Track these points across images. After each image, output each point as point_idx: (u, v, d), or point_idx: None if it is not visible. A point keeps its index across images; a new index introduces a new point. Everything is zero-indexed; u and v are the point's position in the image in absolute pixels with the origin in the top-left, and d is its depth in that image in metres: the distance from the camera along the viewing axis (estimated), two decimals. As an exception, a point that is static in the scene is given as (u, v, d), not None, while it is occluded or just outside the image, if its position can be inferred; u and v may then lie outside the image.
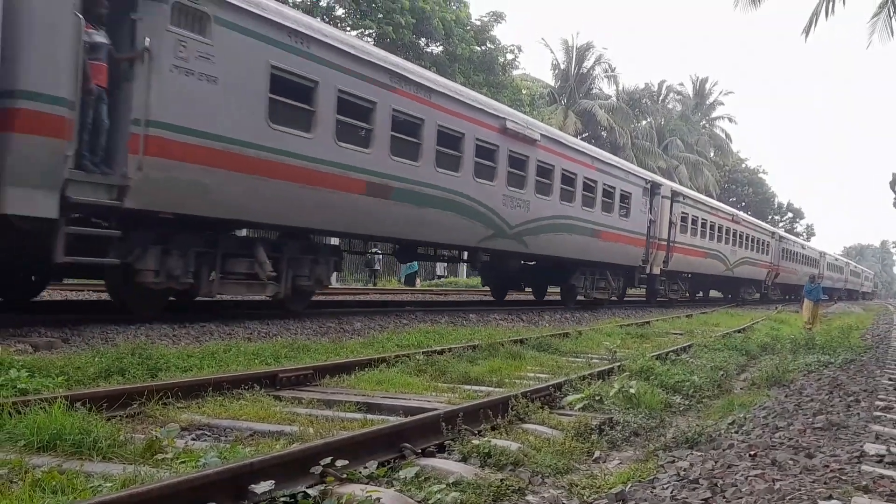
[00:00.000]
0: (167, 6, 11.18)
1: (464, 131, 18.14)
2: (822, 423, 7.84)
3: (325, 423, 6.66)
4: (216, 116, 12.00)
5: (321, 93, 13.92)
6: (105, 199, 10.72)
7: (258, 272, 13.53)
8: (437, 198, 17.30)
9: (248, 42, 12.50)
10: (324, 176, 14.10)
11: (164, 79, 11.15)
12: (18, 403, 5.95)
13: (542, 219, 21.79)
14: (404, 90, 16.02)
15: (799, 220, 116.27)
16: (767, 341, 17.39)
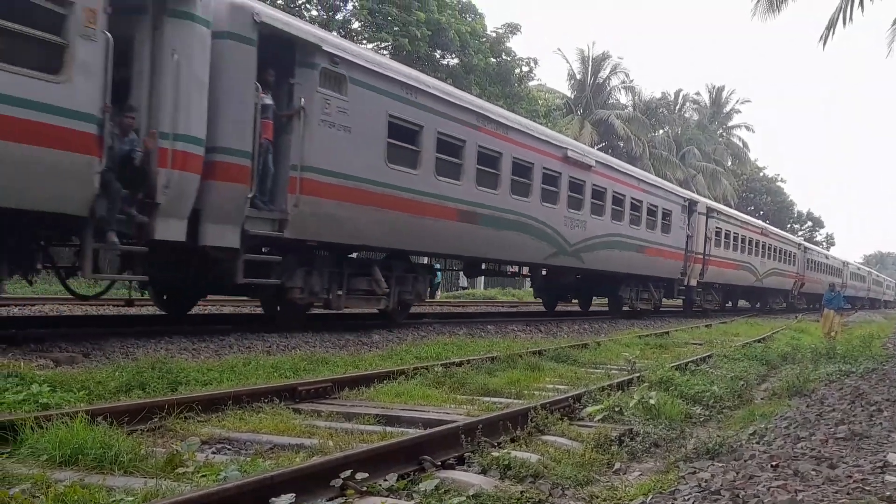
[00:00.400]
0: (316, 72, 13.62)
1: (533, 161, 20.59)
2: (845, 433, 7.78)
3: (345, 435, 6.67)
4: (349, 160, 14.42)
5: (425, 135, 16.41)
6: (270, 232, 13.29)
7: (375, 288, 15.98)
8: (512, 221, 19.75)
9: (373, 96, 14.98)
10: (426, 206, 16.55)
11: (313, 131, 13.64)
12: (41, 418, 5.98)
13: (596, 237, 24.19)
14: (486, 128, 18.50)
15: (819, 229, 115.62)
16: (788, 351, 17.28)
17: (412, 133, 16.14)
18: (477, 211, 18.20)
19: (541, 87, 53.77)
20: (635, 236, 26.82)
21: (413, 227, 16.34)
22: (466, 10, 41.16)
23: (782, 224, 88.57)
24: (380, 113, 15.16)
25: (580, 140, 41.58)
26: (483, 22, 41.76)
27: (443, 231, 17.23)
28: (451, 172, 17.35)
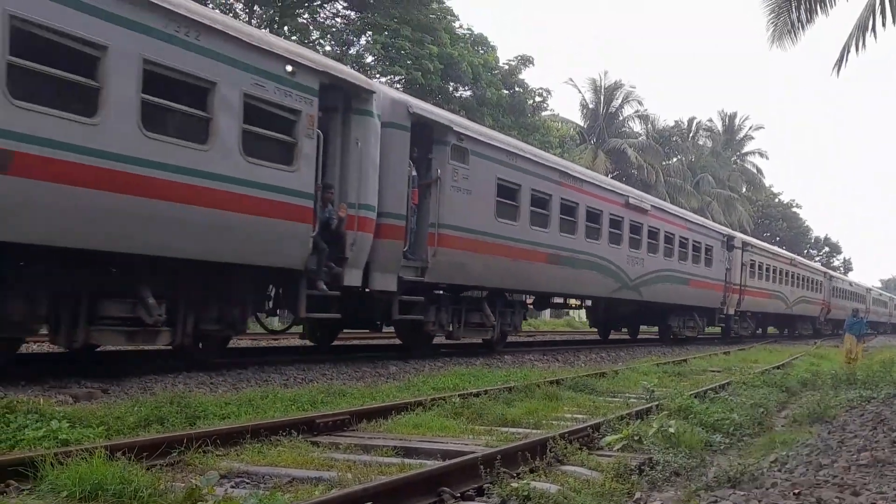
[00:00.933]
0: (448, 147, 16.78)
1: (601, 209, 23.89)
2: (867, 459, 7.71)
3: (364, 468, 6.66)
4: (470, 216, 17.55)
5: (522, 192, 19.55)
6: (415, 277, 16.22)
7: (484, 321, 19.10)
8: (586, 261, 22.96)
9: (486, 164, 18.16)
10: (523, 251, 19.68)
11: (446, 195, 16.73)
12: (60, 454, 6.00)
13: (652, 272, 27.41)
14: (566, 183, 21.77)
15: (836, 255, 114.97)
16: (807, 377, 17.16)
17: (513, 191, 19.32)
18: (560, 254, 21.49)
19: (554, 118, 53.94)
20: (683, 270, 30.28)
21: (513, 269, 19.48)
22: (479, 42, 41.39)
23: (799, 250, 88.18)
24: (491, 177, 18.36)
25: (594, 169, 41.76)
26: (495, 54, 41.98)
27: (535, 272, 20.54)
28: (541, 222, 20.53)
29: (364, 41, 37.75)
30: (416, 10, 35.88)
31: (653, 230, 27.51)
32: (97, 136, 9.92)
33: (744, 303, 37.25)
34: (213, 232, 11.63)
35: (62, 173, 9.62)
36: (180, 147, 11.04)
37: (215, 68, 11.47)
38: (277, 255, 12.86)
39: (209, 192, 11.41)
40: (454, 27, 40.02)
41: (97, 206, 10.03)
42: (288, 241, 12.85)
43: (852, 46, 17.86)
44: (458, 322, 18.34)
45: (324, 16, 38.56)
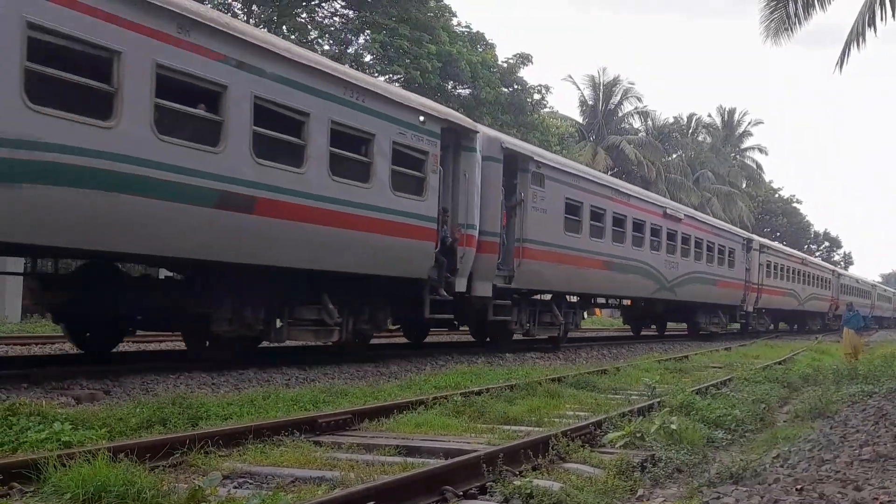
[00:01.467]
0: (529, 174, 19.78)
1: (644, 220, 27.09)
2: (870, 454, 7.71)
3: (366, 467, 6.67)
4: (545, 231, 20.54)
5: (584, 209, 22.70)
6: (504, 284, 19.01)
7: (553, 321, 22.25)
8: (633, 266, 26.10)
9: (557, 186, 21.20)
10: (584, 259, 22.73)
11: (528, 215, 19.70)
12: (63, 456, 6.00)
13: (685, 274, 30.61)
14: (616, 198, 25.12)
15: (836, 249, 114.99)
16: (809, 372, 17.17)
17: (577, 208, 22.44)
18: (613, 260, 24.57)
19: (553, 115, 53.89)
20: (710, 272, 33.62)
21: (577, 275, 22.67)
22: (477, 40, 41.37)
23: (799, 245, 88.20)
24: (560, 197, 21.42)
25: (594, 166, 41.90)
26: (494, 52, 41.95)
27: (593, 277, 23.72)
28: (598, 233, 23.70)
29: (362, 40, 37.75)
30: (414, 9, 35.89)
31: (685, 236, 30.86)
32: (303, 182, 13.09)
33: (761, 300, 40.49)
34: (370, 251, 14.64)
35: (283, 211, 12.72)
36: (354, 187, 14.18)
37: (375, 123, 14.62)
38: (411, 267, 15.90)
39: (370, 220, 14.52)
40: (452, 25, 40.01)
41: (304, 234, 13.21)
42: (418, 257, 15.91)
43: (853, 42, 17.88)
44: (533, 321, 21.22)
45: (322, 15, 38.56)
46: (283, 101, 12.65)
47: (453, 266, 16.94)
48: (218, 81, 11.59)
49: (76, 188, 9.82)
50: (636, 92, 65.21)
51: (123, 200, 10.34)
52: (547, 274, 20.86)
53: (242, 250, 12.32)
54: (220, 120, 11.70)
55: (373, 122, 14.52)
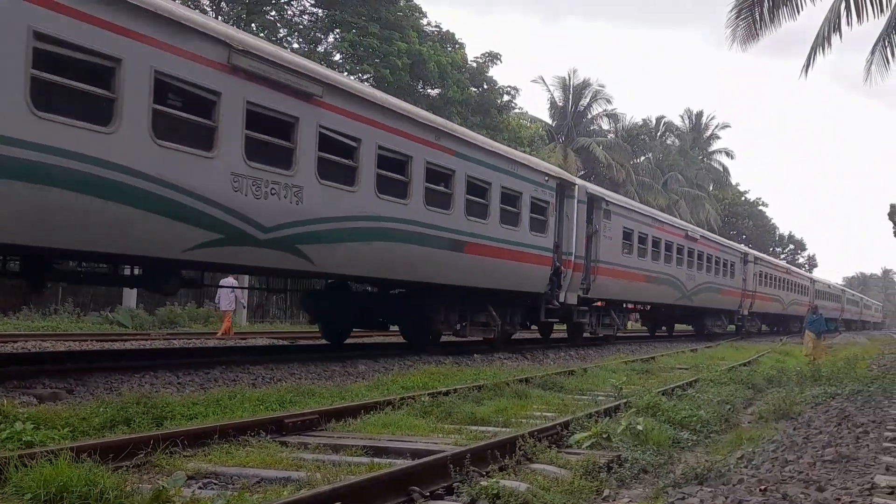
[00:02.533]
0: (601, 211, 25.66)
1: (673, 241, 33.57)
2: (832, 455, 7.80)
3: (333, 468, 6.63)
4: (610, 254, 26.51)
5: (634, 235, 28.97)
6: (584, 295, 24.61)
7: (611, 322, 28.63)
8: (666, 279, 32.63)
9: (618, 218, 27.43)
10: (635, 275, 29.09)
11: (600, 241, 25.57)
12: (24, 456, 5.91)
13: (701, 284, 37.11)
14: (655, 225, 31.93)
15: (801, 252, 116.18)
16: (773, 374, 17.32)
17: (630, 234, 28.74)
18: (654, 275, 31.05)
19: (523, 116, 54.02)
20: (718, 282, 39.97)
21: (628, 287, 28.92)
22: (446, 39, 41.37)
23: (765, 247, 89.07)
24: (620, 227, 27.75)
25: (565, 168, 42.15)
26: (463, 52, 41.95)
27: (639, 288, 30.24)
28: (643, 254, 30.01)
29: (332, 38, 37.65)
30: (383, 8, 35.84)
31: (699, 252, 37.09)
32: (488, 230, 19.28)
33: (754, 306, 46.96)
34: (516, 274, 20.72)
35: (479, 250, 18.86)
36: (511, 230, 20.30)
37: (522, 185, 20.91)
38: (536, 285, 21.93)
39: (518, 253, 20.68)
40: (422, 24, 39.96)
41: (487, 265, 19.32)
42: (541, 277, 22.06)
43: (819, 48, 18.09)
44: (598, 322, 27.57)
45: (291, 13, 38.40)
46: (480, 176, 19.00)
47: (558, 283, 22.83)
48: (451, 168, 17.82)
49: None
50: (606, 94, 65.53)
51: (414, 251, 16.75)
52: (611, 287, 26.90)
53: (455, 276, 18.30)
54: (449, 192, 17.84)
55: (522, 184, 20.82)
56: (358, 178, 14.86)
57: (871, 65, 19.40)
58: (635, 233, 28.92)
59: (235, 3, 36.23)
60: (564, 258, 22.92)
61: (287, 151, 13.41)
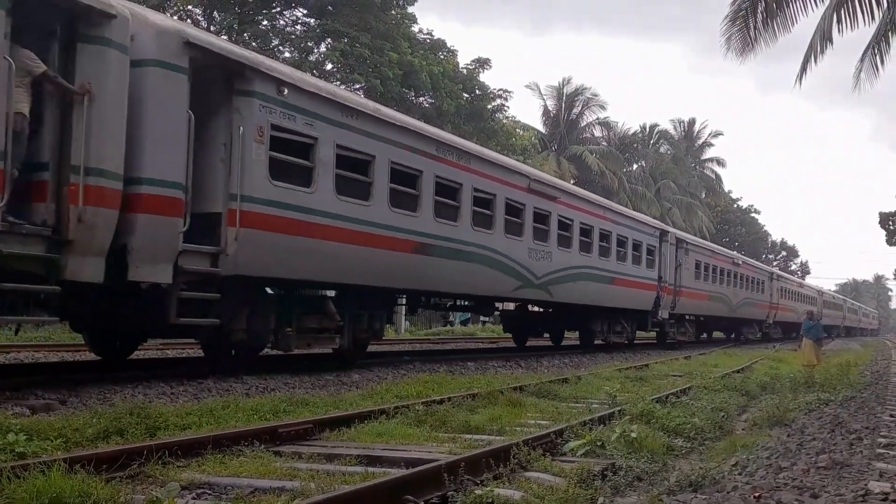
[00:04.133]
0: (683, 249, 35.25)
1: (725, 267, 42.37)
2: (826, 462, 7.81)
3: (327, 477, 6.62)
4: (689, 279, 35.44)
5: (703, 265, 37.26)
6: (671, 311, 34.59)
7: (688, 329, 38.61)
8: (721, 297, 41.48)
9: (693, 254, 36.72)
10: (703, 295, 37.43)
11: (682, 272, 34.91)
12: (17, 467, 5.89)
13: (743, 300, 45.94)
14: (716, 256, 41.44)
15: (793, 259, 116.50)
16: (767, 381, 17.34)
17: (699, 264, 37.42)
18: (713, 294, 40.06)
19: (515, 123, 54.04)
20: (754, 298, 48.82)
21: (698, 304, 37.61)
22: (438, 47, 41.32)
23: (757, 255, 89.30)
24: (693, 260, 36.55)
25: (559, 176, 42.57)
26: (455, 60, 41.92)
27: (705, 305, 39.16)
28: (706, 279, 38.92)
29: (324, 48, 37.66)
30: (374, 18, 35.87)
31: (741, 275, 45.81)
32: (628, 268, 28.74)
33: (777, 316, 54.96)
34: (639, 298, 29.74)
35: (622, 283, 28.37)
36: (637, 268, 28.80)
37: (643, 236, 30.10)
38: (647, 304, 30.95)
39: (641, 283, 30.03)
40: (414, 32, 39.97)
41: (628, 294, 28.94)
42: (650, 299, 31.28)
43: (811, 57, 18.17)
44: (680, 331, 36.75)
45: (283, 22, 38.41)
46: (623, 234, 28.09)
47: (658, 303, 31.94)
48: (610, 231, 27.69)
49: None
50: (599, 101, 65.60)
51: (594, 286, 26.46)
52: (688, 305, 35.97)
53: (609, 301, 27.85)
54: (608, 247, 27.33)
55: (642, 235, 30.67)
56: (573, 243, 24.81)
57: (860, 72, 19.50)
58: (702, 263, 38.02)
59: (228, 13, 36.24)
60: (662, 285, 32.22)
61: (545, 232, 23.03)
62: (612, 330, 30.32)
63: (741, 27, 18.47)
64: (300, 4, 37.03)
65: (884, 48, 18.84)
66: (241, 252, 12.70)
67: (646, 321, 32.90)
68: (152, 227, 11.42)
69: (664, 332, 35.06)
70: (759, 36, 18.40)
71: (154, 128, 11.44)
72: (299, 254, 14.04)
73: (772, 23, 18.18)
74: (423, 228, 17.10)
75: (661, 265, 32.48)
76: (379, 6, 36.15)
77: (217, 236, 12.63)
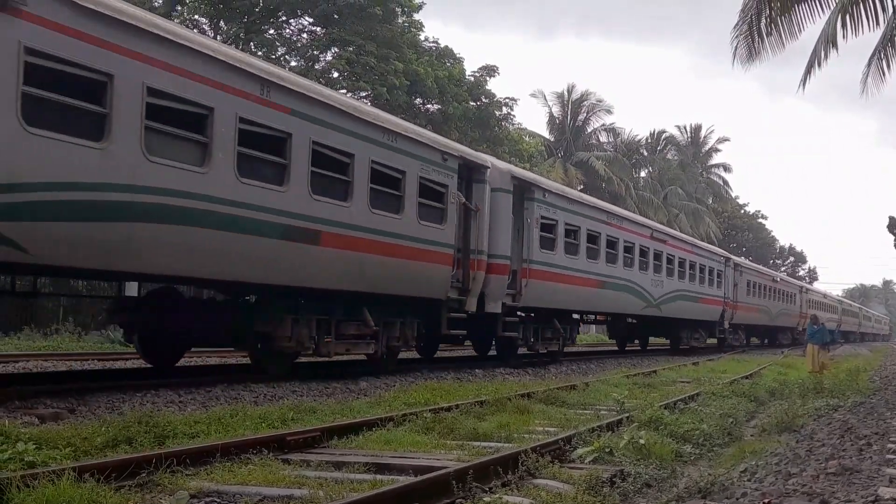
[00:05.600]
0: (739, 271, 44.11)
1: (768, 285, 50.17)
2: (835, 468, 7.78)
3: (335, 485, 6.63)
4: (742, 295, 43.62)
5: (752, 283, 45.59)
6: (730, 321, 43.00)
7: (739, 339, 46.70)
8: (763, 309, 48.30)
9: (745, 273, 45.19)
10: (752, 308, 46.48)
11: (739, 289, 43.39)
12: (27, 476, 5.92)
13: (781, 310, 53.41)
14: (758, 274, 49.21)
15: (801, 264, 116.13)
16: (775, 386, 17.29)
17: (749, 282, 44.35)
18: (759, 307, 46.68)
19: (522, 131, 54.03)
20: (788, 308, 55.87)
21: (748, 315, 43.96)
22: (444, 54, 41.35)
23: (765, 260, 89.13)
24: (745, 279, 43.85)
25: (566, 183, 42.52)
26: (461, 66, 41.95)
27: (754, 316, 45.47)
28: (753, 294, 45.73)
29: (330, 57, 37.74)
30: (380, 26, 35.93)
31: (779, 290, 53.73)
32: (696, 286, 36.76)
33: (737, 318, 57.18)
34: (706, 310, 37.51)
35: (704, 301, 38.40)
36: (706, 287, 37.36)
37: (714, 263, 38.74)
38: (714, 316, 38.40)
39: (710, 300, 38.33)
40: (420, 40, 40.02)
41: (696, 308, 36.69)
42: (716, 311, 38.81)
43: (815, 62, 18.16)
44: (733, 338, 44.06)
45: (290, 31, 38.52)
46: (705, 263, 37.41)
47: (723, 315, 39.25)
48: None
49: None
50: (605, 106, 65.50)
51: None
52: (744, 317, 43.33)
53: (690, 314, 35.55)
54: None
55: (713, 263, 37.85)
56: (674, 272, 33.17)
57: (867, 77, 19.49)
58: (751, 282, 45.74)
59: (234, 23, 36.35)
60: (726, 300, 39.15)
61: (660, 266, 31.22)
62: (692, 336, 39.32)
63: (747, 35, 18.45)
64: (306, 13, 37.13)
65: (890, 53, 18.83)
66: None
67: (714, 329, 41.52)
68: (497, 281, 19.64)
69: (724, 338, 42.97)
70: (763, 44, 18.38)
71: (498, 224, 19.81)
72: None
73: (777, 31, 18.16)
74: (601, 271, 25.74)
75: (725, 285, 40.59)
76: (384, 15, 36.20)
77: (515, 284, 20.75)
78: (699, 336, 40.13)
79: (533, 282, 21.12)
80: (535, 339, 22.84)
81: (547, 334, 23.47)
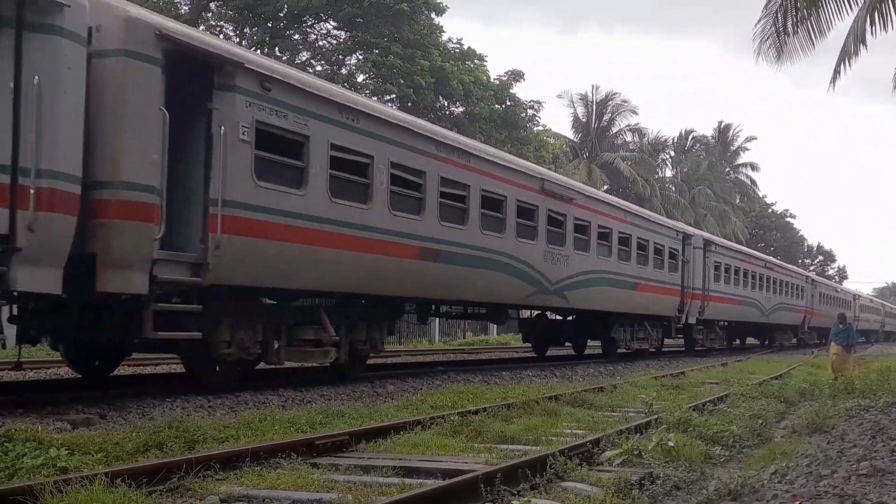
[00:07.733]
0: (815, 286, 54.94)
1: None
2: (867, 469, 7.71)
3: (364, 489, 6.65)
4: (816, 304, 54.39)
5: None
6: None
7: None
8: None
9: (818, 286, 56.02)
10: (821, 314, 54.60)
11: (815, 300, 54.68)
12: (59, 482, 5.98)
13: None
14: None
15: (830, 263, 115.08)
16: (805, 387, 17.15)
17: (823, 294, 55.82)
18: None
19: (546, 132, 54.02)
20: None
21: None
22: (468, 56, 41.34)
23: (794, 259, 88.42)
24: (818, 291, 54.13)
25: (590, 184, 42.25)
26: (486, 70, 41.98)
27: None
28: (823, 303, 55.21)
29: (354, 60, 37.88)
30: (405, 27, 36.00)
31: (841, 299, 60.24)
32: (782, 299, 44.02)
33: (812, 322, 56.11)
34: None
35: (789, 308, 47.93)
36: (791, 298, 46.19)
37: (797, 280, 50.09)
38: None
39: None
40: (443, 42, 40.09)
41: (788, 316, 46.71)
42: (799, 320, 49.06)
43: (844, 59, 17.99)
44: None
45: (314, 36, 38.70)
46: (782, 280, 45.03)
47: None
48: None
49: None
50: (630, 106, 65.36)
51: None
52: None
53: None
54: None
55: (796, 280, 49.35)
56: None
57: None
58: (824, 294, 54.25)
59: (259, 28, 36.56)
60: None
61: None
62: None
63: (774, 36, 18.25)
64: (330, 17, 37.32)
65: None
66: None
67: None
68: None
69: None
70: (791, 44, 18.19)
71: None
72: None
73: (805, 29, 17.98)
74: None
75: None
76: (408, 14, 36.28)
77: None
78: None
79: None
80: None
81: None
